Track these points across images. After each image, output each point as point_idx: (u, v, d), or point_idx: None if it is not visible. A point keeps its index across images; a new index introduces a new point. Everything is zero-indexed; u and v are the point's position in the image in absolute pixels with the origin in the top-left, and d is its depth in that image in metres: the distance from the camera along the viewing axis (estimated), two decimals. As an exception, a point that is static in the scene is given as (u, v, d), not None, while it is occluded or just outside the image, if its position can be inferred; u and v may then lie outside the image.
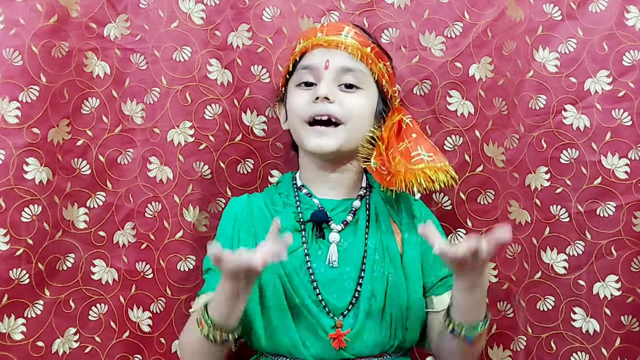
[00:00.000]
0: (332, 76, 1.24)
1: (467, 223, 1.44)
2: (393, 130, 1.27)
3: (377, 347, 1.21)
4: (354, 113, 1.24)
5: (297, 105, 1.26)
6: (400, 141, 1.26)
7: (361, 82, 1.25)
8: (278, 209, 1.27)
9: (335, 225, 1.24)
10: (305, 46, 1.27)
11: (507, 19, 1.42)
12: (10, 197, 1.30)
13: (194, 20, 1.43)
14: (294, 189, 1.30)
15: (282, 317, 1.19)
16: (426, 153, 1.22)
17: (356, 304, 1.20)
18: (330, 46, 1.25)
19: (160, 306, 1.43)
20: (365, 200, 1.28)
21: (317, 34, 1.28)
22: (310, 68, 1.26)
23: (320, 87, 1.23)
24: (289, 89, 1.29)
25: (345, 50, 1.25)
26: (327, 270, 1.21)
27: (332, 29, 1.29)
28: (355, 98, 1.24)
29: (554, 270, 1.41)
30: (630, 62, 1.37)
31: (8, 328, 1.33)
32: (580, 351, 1.41)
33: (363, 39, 1.28)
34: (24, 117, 1.31)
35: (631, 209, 1.36)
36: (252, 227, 1.25)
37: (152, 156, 1.43)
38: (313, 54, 1.26)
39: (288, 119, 1.30)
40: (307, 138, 1.24)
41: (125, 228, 1.42)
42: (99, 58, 1.41)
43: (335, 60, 1.25)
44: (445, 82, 1.42)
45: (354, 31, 1.28)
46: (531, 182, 1.42)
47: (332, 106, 1.22)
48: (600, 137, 1.38)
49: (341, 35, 1.26)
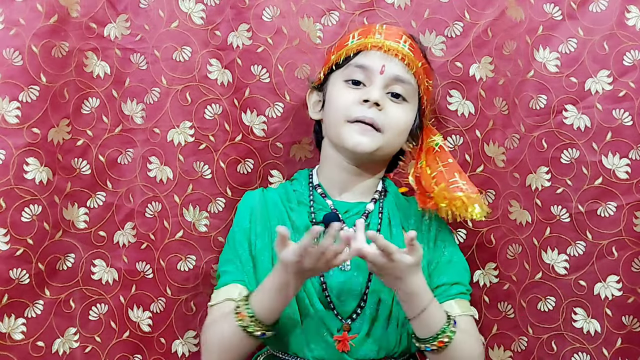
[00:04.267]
0: (384, 82, 1.23)
1: (468, 223, 1.44)
2: (430, 151, 1.30)
3: (382, 352, 1.21)
4: (395, 124, 1.24)
5: (344, 102, 1.24)
6: (433, 163, 1.28)
7: (408, 95, 1.25)
8: (293, 207, 1.27)
9: (348, 229, 1.23)
10: (364, 44, 1.26)
11: (507, 18, 1.42)
12: (10, 197, 1.30)
13: (194, 20, 1.43)
14: (309, 188, 1.29)
15: (291, 316, 1.19)
16: (463, 181, 1.25)
17: (363, 309, 1.20)
18: (388, 52, 1.24)
19: (160, 306, 1.43)
20: (379, 204, 1.28)
21: (375, 34, 1.27)
22: (364, 68, 1.24)
23: (372, 90, 1.22)
24: (334, 80, 1.28)
25: (402, 60, 1.25)
26: (337, 273, 1.21)
27: (391, 34, 1.27)
28: (400, 109, 1.24)
29: (554, 271, 1.41)
30: (630, 62, 1.36)
31: (8, 328, 1.33)
32: (581, 352, 1.40)
33: (417, 51, 1.28)
34: (24, 117, 1.31)
35: (632, 209, 1.36)
36: (267, 222, 1.26)
37: (152, 156, 1.43)
38: (369, 54, 1.25)
39: (326, 111, 1.29)
40: (347, 134, 1.23)
41: (125, 228, 1.42)
42: (99, 58, 1.41)
43: (391, 67, 1.24)
44: (446, 82, 1.42)
45: (410, 41, 1.28)
46: (532, 182, 1.41)
47: (379, 114, 1.22)
48: (600, 137, 1.37)
49: (400, 43, 1.26)
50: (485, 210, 1.25)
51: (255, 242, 1.24)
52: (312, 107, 1.33)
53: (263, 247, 1.24)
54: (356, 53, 1.26)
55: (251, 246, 1.24)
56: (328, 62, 1.32)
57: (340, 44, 1.31)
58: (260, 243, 1.24)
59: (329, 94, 1.28)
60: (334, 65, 1.28)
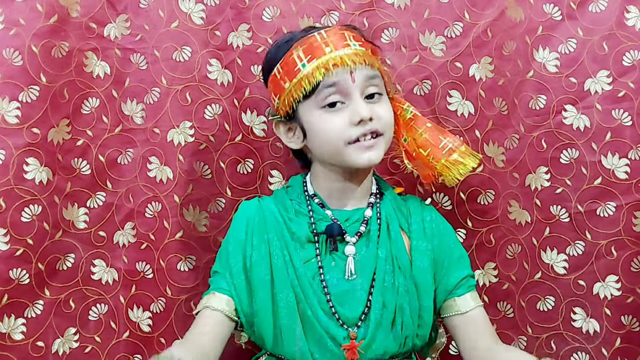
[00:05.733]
0: (360, 90, 1.19)
1: (467, 223, 1.44)
2: (407, 123, 1.28)
3: (386, 355, 1.21)
4: (388, 121, 1.22)
5: (334, 129, 1.18)
6: (414, 133, 1.27)
7: (380, 87, 1.22)
8: (291, 217, 1.25)
9: (350, 238, 1.22)
10: (324, 66, 1.18)
11: (507, 19, 1.42)
12: (10, 197, 1.30)
13: (194, 20, 1.43)
14: (306, 197, 1.27)
15: (293, 327, 1.19)
16: (448, 138, 1.25)
17: (368, 315, 1.20)
18: (347, 63, 1.18)
19: (160, 306, 1.43)
20: (376, 208, 1.27)
21: (324, 49, 1.19)
22: (336, 85, 1.18)
23: (358, 108, 1.17)
24: (306, 110, 1.21)
25: (364, 61, 1.19)
26: (340, 282, 1.21)
27: (337, 40, 1.20)
28: (383, 107, 1.22)
29: (554, 271, 1.41)
30: (630, 62, 1.37)
31: (8, 328, 1.33)
32: (581, 351, 1.41)
33: (364, 41, 1.24)
34: (24, 117, 1.31)
35: (631, 209, 1.36)
36: (265, 234, 1.23)
37: (152, 156, 1.43)
38: (333, 73, 1.18)
39: (313, 141, 1.22)
40: (354, 155, 1.19)
41: (125, 228, 1.42)
42: (99, 58, 1.41)
43: (357, 73, 1.19)
44: (446, 82, 1.42)
45: (352, 35, 1.22)
46: (531, 182, 1.42)
47: (373, 123, 1.19)
48: (600, 137, 1.37)
49: (350, 45, 1.20)
50: (477, 155, 1.26)
51: (251, 254, 1.22)
52: (287, 138, 1.27)
53: (259, 259, 1.22)
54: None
55: (245, 259, 1.22)
56: (280, 89, 1.22)
57: (289, 70, 1.20)
58: (257, 255, 1.22)
59: (310, 124, 1.22)
60: (299, 97, 1.20)
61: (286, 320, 1.18)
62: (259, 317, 1.20)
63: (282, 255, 1.21)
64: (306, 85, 1.18)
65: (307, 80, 1.18)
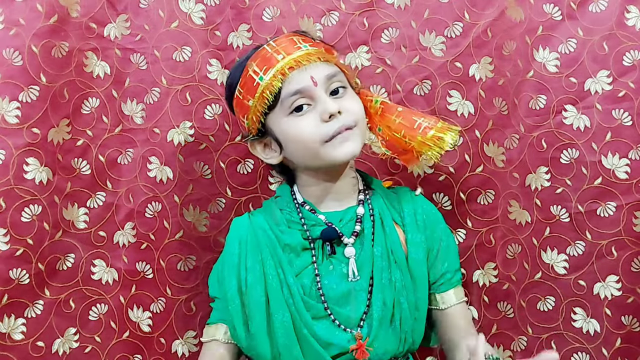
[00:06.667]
0: (324, 89, 1.19)
1: (467, 223, 1.44)
2: (377, 113, 1.28)
3: (387, 354, 1.21)
4: (358, 112, 1.22)
5: (305, 131, 1.18)
6: (387, 121, 1.26)
7: (342, 82, 1.22)
8: (283, 229, 1.24)
9: (347, 239, 1.22)
10: (280, 73, 1.18)
11: (507, 19, 1.42)
12: (10, 197, 1.30)
13: (194, 20, 1.43)
14: (296, 206, 1.27)
15: (290, 347, 1.18)
16: (422, 119, 1.24)
17: (369, 314, 1.20)
18: (302, 64, 1.18)
19: (160, 306, 1.43)
20: (367, 204, 1.27)
21: (277, 56, 1.19)
22: (300, 92, 1.18)
23: (325, 106, 1.17)
24: (274, 121, 1.21)
25: (317, 60, 1.20)
26: (339, 285, 1.21)
27: (287, 45, 1.20)
28: (349, 99, 1.22)
29: (554, 271, 1.41)
30: (630, 62, 1.37)
31: (8, 328, 1.33)
32: (581, 351, 1.41)
33: (313, 41, 1.24)
34: (24, 117, 1.31)
35: (631, 209, 1.36)
36: (258, 254, 1.22)
37: (152, 156, 1.43)
38: (291, 78, 1.18)
39: (290, 149, 1.22)
40: (333, 151, 1.18)
41: (125, 228, 1.42)
42: (99, 58, 1.41)
43: (316, 73, 1.19)
44: (445, 82, 1.42)
45: (301, 39, 1.23)
46: (531, 182, 1.42)
47: (343, 117, 1.18)
48: (600, 137, 1.37)
49: (301, 47, 1.20)
50: (455, 129, 1.25)
51: (246, 277, 1.21)
52: (264, 155, 1.27)
53: (255, 281, 1.20)
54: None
55: (240, 282, 1.22)
56: (245, 109, 1.23)
57: (249, 88, 1.20)
58: (252, 277, 1.21)
59: (282, 133, 1.21)
60: (264, 109, 1.20)
61: (283, 340, 1.18)
62: (256, 340, 1.19)
63: (276, 274, 1.20)
64: (268, 95, 1.19)
65: (268, 91, 1.19)
